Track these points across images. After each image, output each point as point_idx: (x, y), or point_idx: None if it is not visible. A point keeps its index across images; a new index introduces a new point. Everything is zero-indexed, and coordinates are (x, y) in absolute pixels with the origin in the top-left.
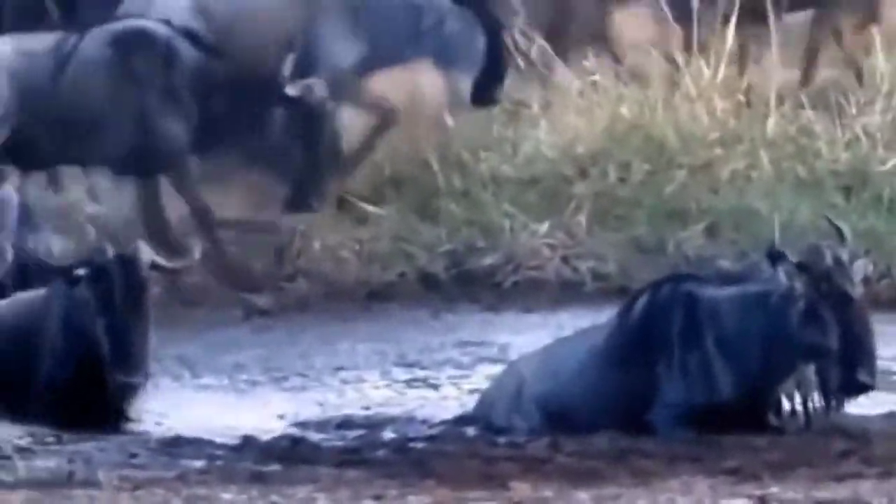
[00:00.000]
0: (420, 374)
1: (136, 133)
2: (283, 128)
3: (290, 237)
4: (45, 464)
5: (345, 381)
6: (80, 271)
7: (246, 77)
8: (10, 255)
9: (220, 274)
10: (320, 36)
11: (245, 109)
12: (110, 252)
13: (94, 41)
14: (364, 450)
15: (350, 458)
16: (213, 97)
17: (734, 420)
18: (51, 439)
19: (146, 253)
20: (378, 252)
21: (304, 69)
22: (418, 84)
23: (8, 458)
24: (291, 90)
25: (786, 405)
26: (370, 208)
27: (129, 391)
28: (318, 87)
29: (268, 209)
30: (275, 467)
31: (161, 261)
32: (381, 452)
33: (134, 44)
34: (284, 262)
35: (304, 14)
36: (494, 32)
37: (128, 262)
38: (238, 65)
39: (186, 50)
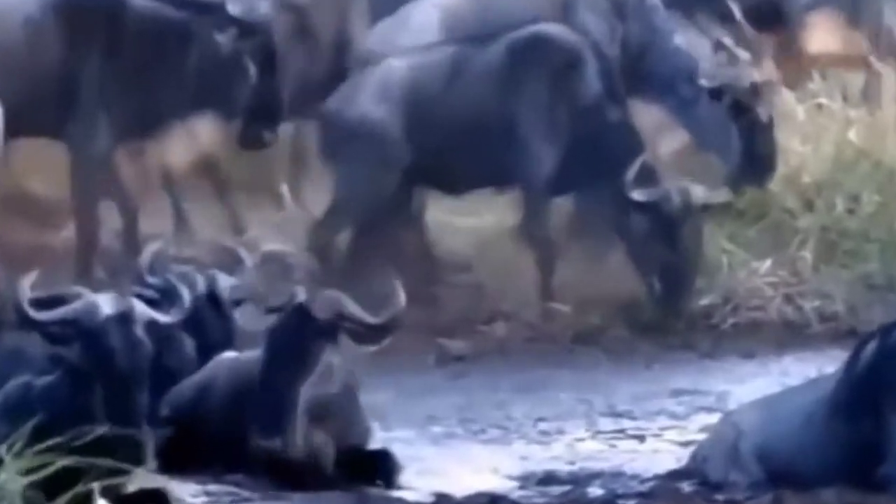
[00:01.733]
0: (630, 424)
1: (511, 149)
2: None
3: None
4: None
5: (547, 433)
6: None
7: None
8: (188, 299)
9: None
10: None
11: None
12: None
13: (493, 50)
14: None
15: None
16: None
17: None
18: (227, 499)
19: (334, 301)
20: (583, 293)
21: None
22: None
23: None
24: (638, 196)
25: None
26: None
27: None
28: (674, 194)
29: None
30: None
31: (366, 317)
32: None
33: (530, 50)
34: (483, 303)
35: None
36: (751, 135)
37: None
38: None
39: (592, 63)
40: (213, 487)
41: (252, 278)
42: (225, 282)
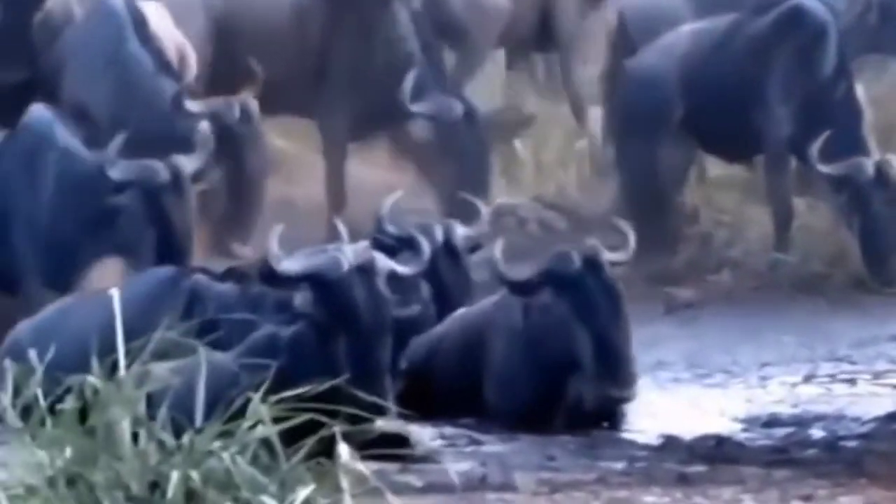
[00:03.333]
0: (849, 368)
1: (759, 112)
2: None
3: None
4: (457, 467)
5: (771, 378)
6: (538, 279)
7: None
8: (427, 251)
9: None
10: None
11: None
12: (577, 259)
13: (761, 20)
14: (792, 449)
15: (778, 457)
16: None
17: None
18: (462, 441)
19: (603, 252)
20: (808, 243)
21: None
22: None
23: (421, 460)
24: (826, 168)
25: None
26: (798, 199)
27: (619, 405)
28: (868, 166)
29: None
30: (699, 468)
31: (618, 257)
32: (810, 452)
33: (792, 22)
34: (710, 253)
35: None
36: None
37: (597, 267)
38: None
39: (833, 34)
40: (448, 430)
41: (487, 229)
42: (461, 231)
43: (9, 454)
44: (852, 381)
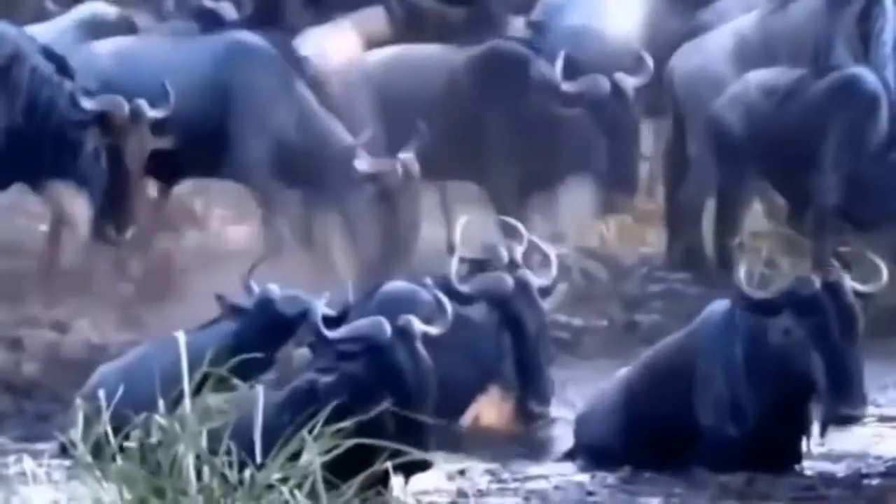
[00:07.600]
0: (874, 411)
1: (812, 176)
2: None
3: None
4: (499, 503)
5: None
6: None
7: None
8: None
9: None
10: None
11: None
12: (816, 283)
13: (821, 83)
14: (819, 486)
15: (805, 494)
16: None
17: None
18: (506, 476)
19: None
20: None
21: None
22: None
23: (464, 496)
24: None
25: None
26: None
27: (849, 424)
28: None
29: None
30: (730, 503)
31: (867, 288)
32: (835, 490)
33: (846, 91)
34: None
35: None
36: None
37: (836, 290)
38: None
39: (885, 107)
40: (494, 466)
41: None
42: (533, 278)
43: (80, 489)
44: (877, 421)
